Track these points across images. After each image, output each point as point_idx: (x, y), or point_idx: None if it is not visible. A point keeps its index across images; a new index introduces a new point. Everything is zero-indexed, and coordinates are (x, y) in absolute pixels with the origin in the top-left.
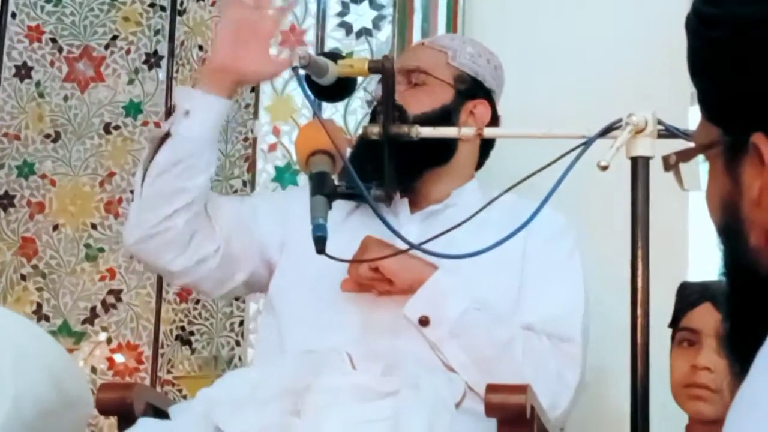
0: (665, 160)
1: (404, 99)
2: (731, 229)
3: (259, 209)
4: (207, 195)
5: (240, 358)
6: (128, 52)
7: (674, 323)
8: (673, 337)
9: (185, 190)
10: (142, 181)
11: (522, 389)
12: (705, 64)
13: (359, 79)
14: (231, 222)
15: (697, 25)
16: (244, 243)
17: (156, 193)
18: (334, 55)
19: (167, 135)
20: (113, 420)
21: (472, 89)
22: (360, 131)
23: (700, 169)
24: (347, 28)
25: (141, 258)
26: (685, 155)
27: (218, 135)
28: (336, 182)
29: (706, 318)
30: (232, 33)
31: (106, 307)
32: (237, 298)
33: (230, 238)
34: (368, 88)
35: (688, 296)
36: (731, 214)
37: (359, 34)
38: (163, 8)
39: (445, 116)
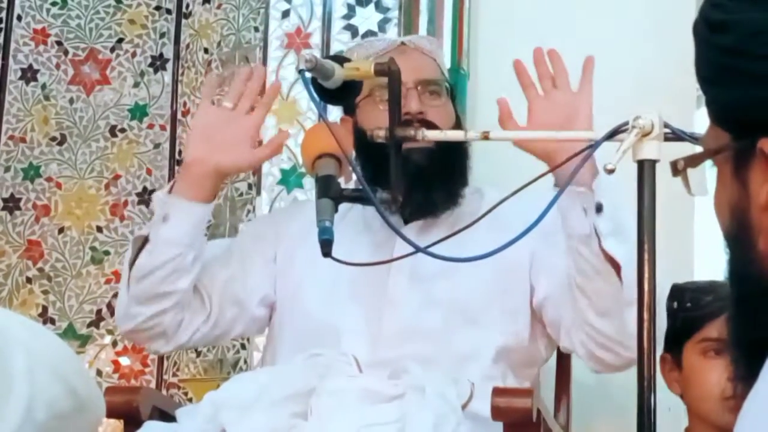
0: (673, 165)
1: (435, 115)
2: (739, 234)
3: (246, 258)
4: (192, 289)
5: (245, 361)
6: (134, 54)
7: (688, 331)
8: (677, 345)
9: (168, 294)
10: (128, 278)
11: (528, 393)
12: (713, 69)
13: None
14: (221, 290)
15: (705, 31)
16: (237, 299)
17: (140, 294)
18: (340, 58)
19: (147, 237)
20: (120, 423)
21: (452, 95)
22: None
23: (707, 174)
24: (353, 30)
25: (135, 343)
26: (694, 160)
27: (202, 234)
28: (342, 185)
29: None
30: (204, 134)
31: (112, 310)
32: None
33: (222, 305)
34: None
35: (708, 305)
36: (739, 219)
37: (365, 36)
38: (168, 11)
39: (459, 125)
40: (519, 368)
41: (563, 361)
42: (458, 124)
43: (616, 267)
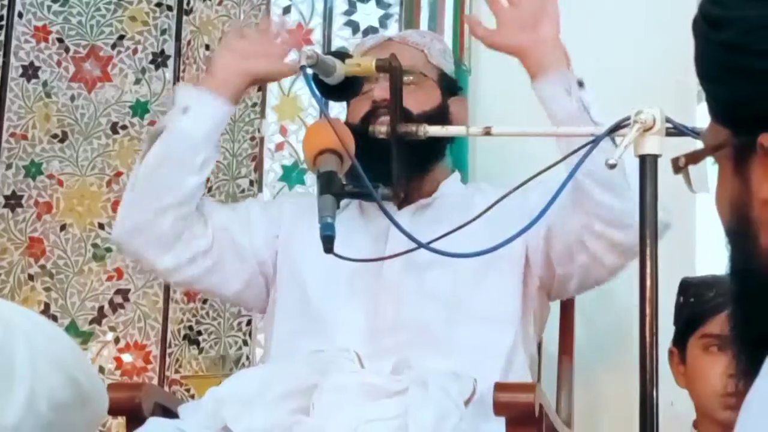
0: (674, 162)
1: (404, 99)
2: (741, 230)
3: (252, 217)
4: (198, 199)
5: (248, 358)
6: (135, 51)
7: (691, 326)
8: (683, 340)
9: (175, 188)
10: (137, 176)
11: (530, 388)
12: (712, 66)
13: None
14: (225, 226)
15: (704, 27)
16: (238, 248)
17: (146, 188)
18: (342, 54)
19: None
20: (122, 420)
21: (450, 87)
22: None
23: (708, 170)
24: (354, 26)
25: (127, 253)
26: (694, 157)
27: (217, 139)
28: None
29: None
30: (234, 46)
31: (114, 306)
32: None
33: (223, 242)
34: None
35: (710, 300)
36: (741, 215)
37: (366, 32)
38: (169, 8)
39: (441, 115)
40: (520, 351)
41: (565, 355)
42: (443, 112)
43: None
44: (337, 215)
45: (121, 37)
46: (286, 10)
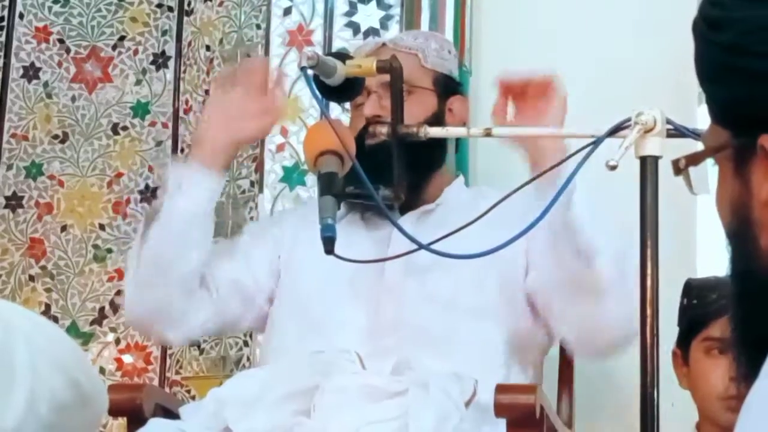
0: (675, 164)
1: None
2: (741, 231)
3: (251, 251)
4: (201, 270)
5: (248, 359)
6: (136, 52)
7: (694, 328)
8: (686, 342)
9: (178, 265)
10: (138, 257)
11: (531, 389)
12: (712, 67)
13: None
14: (228, 277)
15: (704, 28)
16: (244, 293)
17: (151, 269)
18: (342, 55)
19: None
20: (123, 421)
21: (449, 87)
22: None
23: (709, 172)
24: (355, 27)
25: (139, 331)
26: (695, 159)
27: (213, 209)
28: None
29: None
30: (218, 111)
31: (115, 307)
32: None
33: (228, 298)
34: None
35: (713, 303)
36: (741, 216)
37: (367, 33)
38: (170, 8)
39: (437, 122)
40: (522, 356)
41: (566, 355)
42: (439, 119)
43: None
44: (339, 222)
45: (122, 38)
46: (287, 11)
